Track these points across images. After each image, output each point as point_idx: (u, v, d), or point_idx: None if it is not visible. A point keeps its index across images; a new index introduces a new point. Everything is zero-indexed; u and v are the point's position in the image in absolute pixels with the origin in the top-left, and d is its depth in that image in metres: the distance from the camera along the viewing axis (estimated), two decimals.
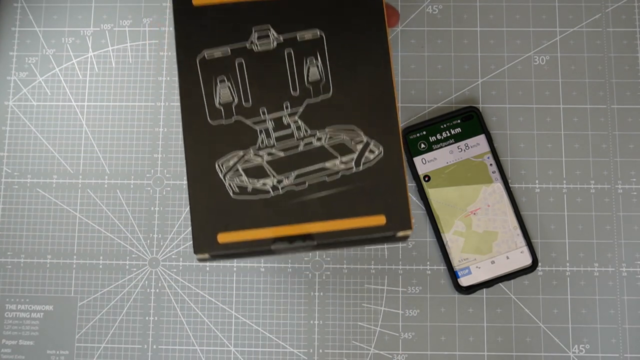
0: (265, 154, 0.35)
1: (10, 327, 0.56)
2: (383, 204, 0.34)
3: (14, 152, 0.59)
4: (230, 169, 0.35)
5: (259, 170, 0.35)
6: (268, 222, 0.34)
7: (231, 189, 0.35)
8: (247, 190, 0.35)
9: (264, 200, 0.34)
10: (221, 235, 0.34)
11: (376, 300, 0.55)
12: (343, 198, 0.34)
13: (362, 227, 0.34)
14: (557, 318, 0.54)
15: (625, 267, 0.55)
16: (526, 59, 0.58)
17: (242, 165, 0.35)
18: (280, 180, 0.35)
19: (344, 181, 0.34)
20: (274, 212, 0.34)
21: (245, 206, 0.34)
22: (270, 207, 0.34)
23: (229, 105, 0.35)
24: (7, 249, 0.57)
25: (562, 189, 0.56)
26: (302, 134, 0.35)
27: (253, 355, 0.55)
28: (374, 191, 0.34)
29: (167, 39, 0.60)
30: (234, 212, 0.34)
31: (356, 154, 0.35)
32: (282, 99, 0.35)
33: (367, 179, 0.34)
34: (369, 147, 0.35)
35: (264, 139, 0.35)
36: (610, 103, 0.57)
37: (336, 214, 0.34)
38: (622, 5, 0.58)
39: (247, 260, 0.56)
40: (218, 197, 0.34)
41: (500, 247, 0.55)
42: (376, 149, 0.35)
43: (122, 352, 0.55)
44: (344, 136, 0.35)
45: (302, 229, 0.34)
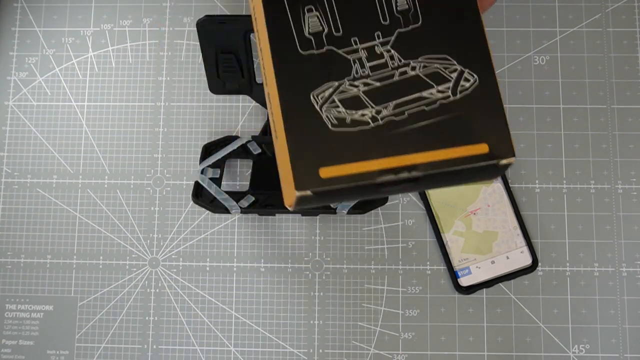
0: (361, 84, 0.34)
1: (10, 327, 0.56)
2: (484, 132, 0.33)
3: (14, 152, 0.59)
4: (327, 101, 0.33)
5: (356, 101, 0.33)
6: (370, 154, 0.32)
7: (329, 120, 0.33)
8: (345, 122, 0.33)
9: (364, 132, 0.33)
10: (323, 170, 0.32)
11: (376, 300, 0.55)
12: (444, 127, 0.33)
13: (466, 156, 0.32)
14: (557, 318, 0.54)
15: (625, 267, 0.55)
16: (526, 59, 0.58)
17: (338, 96, 0.33)
18: (379, 110, 0.33)
19: (442, 110, 0.33)
20: (375, 143, 0.32)
21: (345, 139, 0.32)
22: (372, 138, 0.32)
23: (319, 35, 0.34)
24: (7, 249, 0.57)
25: (562, 189, 0.56)
26: (396, 64, 0.34)
27: (253, 355, 0.55)
28: (473, 120, 0.33)
29: (167, 39, 0.60)
30: (335, 145, 0.32)
31: (452, 82, 0.34)
32: (373, 28, 0.34)
33: (465, 108, 0.33)
34: (463, 75, 0.34)
35: (358, 69, 0.34)
36: (610, 103, 0.57)
37: (439, 144, 0.33)
38: (622, 5, 0.58)
39: (247, 260, 0.56)
40: (316, 129, 0.33)
41: (500, 247, 0.55)
42: (471, 77, 0.34)
43: (122, 352, 0.55)
44: (438, 65, 0.34)
45: (406, 160, 0.32)
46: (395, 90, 0.34)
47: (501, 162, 0.33)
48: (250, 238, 0.57)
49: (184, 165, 0.58)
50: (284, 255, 0.56)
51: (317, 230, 0.56)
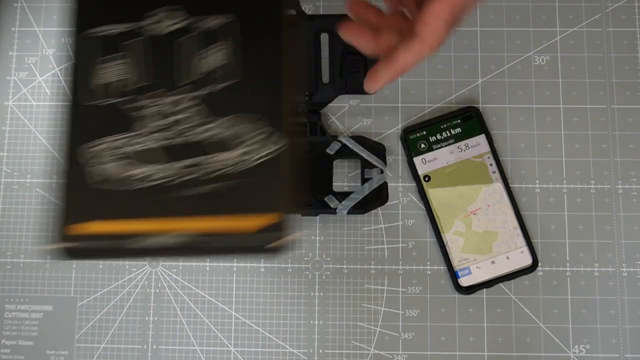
0: (147, 140, 0.31)
1: (10, 327, 0.56)
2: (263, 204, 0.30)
3: (13, 152, 0.59)
4: (97, 156, 0.31)
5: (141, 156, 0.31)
6: (134, 214, 0.29)
7: (93, 176, 0.31)
8: (113, 179, 0.31)
9: (134, 192, 0.30)
10: (74, 227, 0.30)
11: (376, 301, 0.55)
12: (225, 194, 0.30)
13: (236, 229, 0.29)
14: (557, 318, 0.54)
15: (626, 267, 0.55)
16: (526, 59, 0.58)
17: (114, 150, 0.31)
18: (158, 171, 0.31)
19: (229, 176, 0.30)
20: (143, 205, 0.30)
21: (111, 196, 0.30)
22: (139, 199, 0.30)
23: (111, 86, 0.32)
24: (6, 249, 0.57)
25: (562, 189, 0.56)
26: (190, 123, 0.31)
27: (253, 355, 0.55)
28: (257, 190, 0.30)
29: None
30: (98, 202, 0.30)
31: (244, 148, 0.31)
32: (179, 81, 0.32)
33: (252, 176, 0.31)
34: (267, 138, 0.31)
35: (146, 125, 0.31)
36: (610, 103, 0.57)
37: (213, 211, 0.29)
38: (622, 5, 0.58)
39: (246, 260, 0.56)
40: (82, 184, 0.30)
41: (500, 247, 0.55)
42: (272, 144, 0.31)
43: (122, 352, 0.55)
44: (237, 128, 0.32)
45: (172, 225, 0.29)
46: (182, 150, 0.30)
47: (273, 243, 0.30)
48: None
49: None
50: (284, 255, 0.56)
51: (317, 230, 0.56)
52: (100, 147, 0.31)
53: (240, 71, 0.32)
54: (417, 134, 0.56)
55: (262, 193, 0.30)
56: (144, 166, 0.30)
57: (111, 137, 0.31)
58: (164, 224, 0.29)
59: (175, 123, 0.31)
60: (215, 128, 0.31)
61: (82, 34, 0.32)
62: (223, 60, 0.32)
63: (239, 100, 0.32)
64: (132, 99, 0.31)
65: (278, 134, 0.31)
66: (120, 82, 0.32)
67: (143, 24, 0.32)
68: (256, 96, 0.32)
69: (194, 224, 0.29)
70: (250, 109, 0.31)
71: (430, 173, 0.55)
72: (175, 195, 0.29)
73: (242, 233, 0.29)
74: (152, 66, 0.32)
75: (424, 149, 0.56)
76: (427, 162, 0.56)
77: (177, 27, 0.32)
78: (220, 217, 0.29)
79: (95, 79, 0.32)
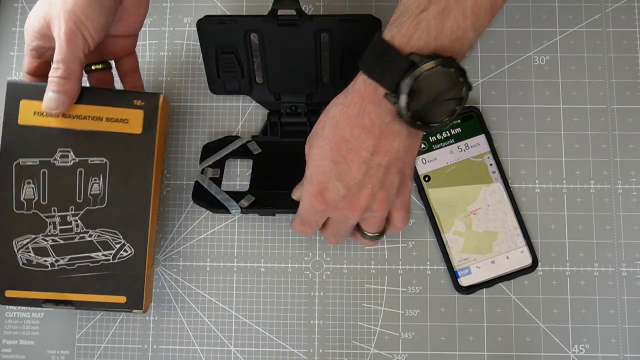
0: (50, 240, 0.49)
1: (11, 326, 0.56)
2: (126, 289, 0.49)
3: None
4: (23, 247, 0.49)
5: (43, 250, 0.49)
6: (44, 288, 0.49)
7: (21, 260, 0.49)
8: (32, 263, 0.49)
9: (43, 272, 0.49)
10: (9, 292, 0.49)
11: (376, 300, 0.55)
12: (100, 279, 0.49)
13: (108, 302, 0.49)
14: (557, 318, 0.54)
15: (625, 267, 0.55)
16: (526, 59, 0.58)
17: (32, 245, 0.49)
18: (57, 260, 0.49)
19: (103, 268, 0.49)
20: (48, 281, 0.49)
21: (29, 274, 0.49)
22: (47, 278, 0.49)
23: (31, 201, 0.49)
24: None
25: (562, 189, 0.56)
26: (79, 230, 0.49)
27: (253, 355, 0.55)
28: (121, 278, 0.49)
29: (167, 39, 0.60)
30: (21, 278, 0.49)
31: (114, 250, 0.49)
32: (69, 202, 0.49)
33: (118, 269, 0.49)
34: (124, 247, 0.50)
35: (51, 229, 0.49)
36: (610, 103, 0.57)
37: (94, 290, 0.49)
38: (622, 5, 0.58)
39: (247, 260, 0.56)
40: (12, 264, 0.49)
41: (500, 247, 0.55)
42: (129, 249, 0.50)
43: (122, 352, 0.55)
44: (109, 237, 0.49)
45: (66, 297, 0.49)
46: (73, 248, 0.49)
47: (133, 311, 0.50)
48: (250, 238, 0.57)
49: (184, 165, 0.58)
50: (284, 255, 0.56)
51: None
52: (26, 241, 0.49)
53: (106, 199, 0.49)
54: None
55: (117, 281, 0.49)
56: (53, 255, 0.49)
57: (33, 235, 0.49)
58: (64, 295, 0.49)
59: (67, 230, 0.49)
60: (89, 236, 0.49)
61: (15, 163, 0.49)
62: (96, 191, 0.49)
63: (104, 219, 0.49)
64: (47, 210, 0.49)
65: (128, 245, 0.49)
66: (36, 197, 0.49)
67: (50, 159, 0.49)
68: (114, 218, 0.49)
69: (84, 297, 0.49)
70: (111, 226, 0.49)
71: (430, 173, 0.56)
72: (71, 276, 0.49)
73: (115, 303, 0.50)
74: (53, 189, 0.49)
75: (424, 149, 0.56)
76: (427, 162, 0.56)
77: (67, 164, 0.49)
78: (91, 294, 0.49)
79: (21, 195, 0.49)
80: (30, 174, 0.49)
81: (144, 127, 0.50)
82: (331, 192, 0.45)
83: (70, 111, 0.49)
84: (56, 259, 0.49)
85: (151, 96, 0.50)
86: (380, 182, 0.44)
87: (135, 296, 0.49)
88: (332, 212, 0.46)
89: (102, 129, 0.49)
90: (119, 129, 0.50)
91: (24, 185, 0.49)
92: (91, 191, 0.49)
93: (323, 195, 0.45)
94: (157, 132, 0.50)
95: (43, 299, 0.49)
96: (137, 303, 0.50)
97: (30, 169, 0.49)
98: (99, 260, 0.49)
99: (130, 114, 0.50)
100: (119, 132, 0.49)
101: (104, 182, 0.49)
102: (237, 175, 0.57)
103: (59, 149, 0.49)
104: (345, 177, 0.44)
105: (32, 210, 0.49)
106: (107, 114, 0.49)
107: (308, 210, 0.47)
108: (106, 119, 0.49)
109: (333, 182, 0.44)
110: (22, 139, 0.49)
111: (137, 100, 0.50)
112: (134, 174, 0.50)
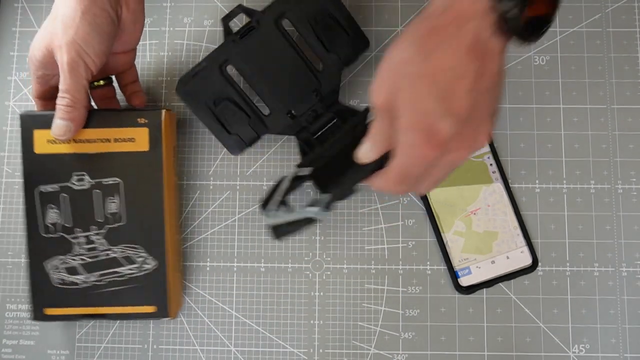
0: (78, 259, 0.52)
1: (11, 326, 0.56)
2: (154, 299, 0.52)
3: (14, 152, 0.59)
4: (54, 267, 0.52)
5: (74, 270, 0.52)
6: (79, 304, 0.52)
7: (54, 280, 0.52)
8: (65, 282, 0.52)
9: (76, 289, 0.52)
10: (48, 310, 0.52)
11: (376, 300, 0.55)
12: (129, 292, 0.52)
13: (140, 313, 0.52)
14: (557, 318, 0.54)
15: (625, 267, 0.55)
16: (526, 59, 0.58)
17: (63, 265, 0.52)
18: (88, 277, 0.52)
19: (130, 281, 0.52)
20: (82, 298, 0.52)
21: (64, 292, 0.52)
22: (80, 294, 0.52)
23: (55, 225, 0.52)
24: (7, 249, 0.57)
25: (562, 189, 0.56)
26: (103, 248, 0.52)
27: (253, 355, 0.55)
28: (148, 290, 0.52)
29: (167, 39, 0.60)
30: (57, 296, 0.52)
31: (138, 264, 0.52)
32: (91, 223, 0.52)
33: (145, 281, 0.52)
34: (146, 260, 0.52)
35: (77, 249, 0.52)
36: (610, 103, 0.57)
37: (125, 302, 0.52)
38: (622, 5, 0.58)
39: (247, 260, 0.56)
40: (47, 284, 0.52)
41: (500, 247, 0.55)
42: (152, 261, 0.52)
43: (122, 352, 0.55)
44: (131, 251, 0.52)
45: (100, 310, 0.52)
46: (101, 265, 0.52)
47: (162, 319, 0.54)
48: (250, 238, 0.57)
49: (184, 165, 0.58)
50: (284, 255, 0.56)
51: (317, 230, 0.56)
52: (57, 261, 0.52)
53: (124, 217, 0.52)
54: None
55: (145, 292, 0.52)
56: (82, 274, 0.52)
57: (62, 256, 0.52)
58: (97, 309, 0.52)
59: (93, 249, 0.52)
60: (113, 253, 0.52)
61: (37, 190, 0.52)
62: (114, 209, 0.52)
63: (124, 236, 0.52)
64: (72, 232, 0.52)
65: (151, 257, 0.52)
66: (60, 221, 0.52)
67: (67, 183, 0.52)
68: (134, 234, 0.52)
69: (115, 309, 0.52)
70: (131, 241, 0.52)
71: None
72: (102, 292, 0.52)
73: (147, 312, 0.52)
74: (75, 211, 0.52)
75: None
76: None
77: (84, 187, 0.52)
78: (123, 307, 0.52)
79: (46, 219, 0.52)
80: (52, 199, 0.52)
81: (150, 144, 0.52)
82: (442, 132, 0.38)
83: (80, 136, 0.51)
84: (87, 276, 0.52)
85: (154, 113, 0.52)
86: (487, 110, 0.40)
87: (163, 305, 0.52)
88: (443, 156, 0.40)
89: (111, 149, 0.51)
90: (128, 148, 0.52)
91: (48, 210, 0.52)
92: (109, 210, 0.52)
93: (434, 139, 0.38)
94: (163, 146, 0.52)
95: (79, 314, 0.52)
96: (165, 311, 0.52)
97: (51, 194, 0.52)
98: (126, 274, 0.52)
99: (136, 132, 0.52)
100: (128, 152, 0.52)
101: (119, 200, 0.52)
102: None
103: (74, 173, 0.52)
104: (454, 112, 0.38)
105: (58, 233, 0.52)
106: (114, 135, 0.51)
107: (414, 162, 0.41)
108: (114, 139, 0.51)
109: (441, 121, 0.38)
110: (40, 167, 0.52)
111: (141, 118, 0.52)
112: (146, 189, 0.52)
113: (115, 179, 0.52)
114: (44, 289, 0.52)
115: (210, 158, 0.58)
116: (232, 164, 0.58)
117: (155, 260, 0.52)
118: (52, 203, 0.52)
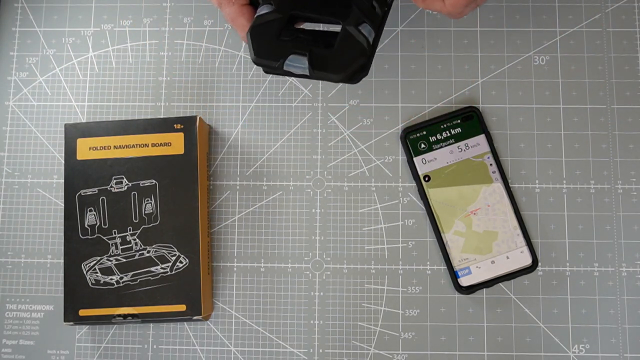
0: (113, 259, 0.53)
1: (11, 326, 0.56)
2: (185, 297, 0.53)
3: (14, 152, 0.59)
4: (91, 269, 0.53)
5: (109, 270, 0.53)
6: (111, 304, 0.53)
7: (90, 281, 0.53)
8: (100, 282, 0.53)
9: (110, 290, 0.53)
10: (82, 311, 0.53)
11: (376, 300, 0.55)
12: (161, 291, 0.53)
13: (171, 312, 0.53)
14: (557, 318, 0.54)
15: (625, 267, 0.55)
16: (526, 59, 0.58)
17: (98, 266, 0.53)
18: (122, 277, 0.53)
19: (162, 280, 0.53)
20: (115, 298, 0.53)
21: (98, 293, 0.53)
22: (113, 294, 0.53)
23: (94, 227, 0.54)
24: (7, 248, 0.57)
25: (562, 189, 0.56)
26: (138, 248, 0.53)
27: (253, 355, 0.55)
28: (180, 288, 0.53)
29: (167, 39, 0.60)
30: (92, 297, 0.53)
31: (171, 263, 0.53)
32: (127, 224, 0.54)
33: (176, 280, 0.53)
34: (179, 259, 0.53)
35: (113, 250, 0.54)
36: (610, 103, 0.57)
37: (156, 301, 0.53)
38: (622, 5, 0.58)
39: (247, 260, 0.56)
40: (82, 285, 0.53)
41: (500, 247, 0.55)
42: (184, 260, 0.53)
43: (122, 352, 0.55)
44: (164, 251, 0.53)
45: (132, 310, 0.53)
46: (135, 265, 0.53)
47: (194, 318, 0.53)
48: (250, 238, 0.57)
49: None
50: (284, 255, 0.56)
51: (317, 230, 0.56)
52: (93, 262, 0.53)
53: (159, 217, 0.54)
54: (417, 134, 0.56)
55: (177, 291, 0.53)
56: (117, 274, 0.53)
57: (98, 257, 0.54)
58: (131, 309, 0.53)
59: (128, 249, 0.54)
60: (147, 252, 0.54)
61: (77, 194, 0.55)
62: (149, 210, 0.54)
63: (159, 235, 0.54)
64: (108, 233, 0.54)
65: (183, 256, 0.53)
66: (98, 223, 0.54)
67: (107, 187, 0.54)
68: (168, 233, 0.54)
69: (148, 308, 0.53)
70: (165, 241, 0.54)
71: (430, 173, 0.56)
72: (135, 291, 0.53)
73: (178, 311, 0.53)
74: (112, 213, 0.54)
75: (424, 149, 0.56)
76: (427, 162, 0.56)
77: (122, 190, 0.54)
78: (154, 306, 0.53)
79: (85, 222, 0.54)
80: (91, 202, 0.54)
81: (185, 148, 0.55)
82: None
83: (120, 142, 0.55)
84: (120, 276, 0.53)
85: (189, 119, 0.55)
86: None
87: (194, 303, 0.53)
88: None
89: (149, 154, 0.55)
90: (164, 151, 0.55)
91: (87, 213, 0.54)
92: (145, 211, 0.54)
93: None
94: (198, 150, 0.54)
95: (112, 314, 0.53)
96: (197, 310, 0.52)
97: (90, 197, 0.54)
98: (158, 273, 0.53)
99: (172, 137, 0.55)
100: (164, 155, 0.55)
101: (155, 201, 0.54)
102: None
103: (114, 176, 0.54)
104: None
105: (95, 235, 0.54)
106: (152, 140, 0.55)
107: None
108: (152, 144, 0.55)
109: None
110: (81, 172, 0.55)
111: (177, 124, 0.55)
112: (181, 190, 0.54)
113: (151, 181, 0.54)
114: (79, 290, 0.53)
115: (211, 158, 0.58)
116: (232, 164, 0.58)
117: (187, 259, 0.53)
118: (91, 206, 0.54)
